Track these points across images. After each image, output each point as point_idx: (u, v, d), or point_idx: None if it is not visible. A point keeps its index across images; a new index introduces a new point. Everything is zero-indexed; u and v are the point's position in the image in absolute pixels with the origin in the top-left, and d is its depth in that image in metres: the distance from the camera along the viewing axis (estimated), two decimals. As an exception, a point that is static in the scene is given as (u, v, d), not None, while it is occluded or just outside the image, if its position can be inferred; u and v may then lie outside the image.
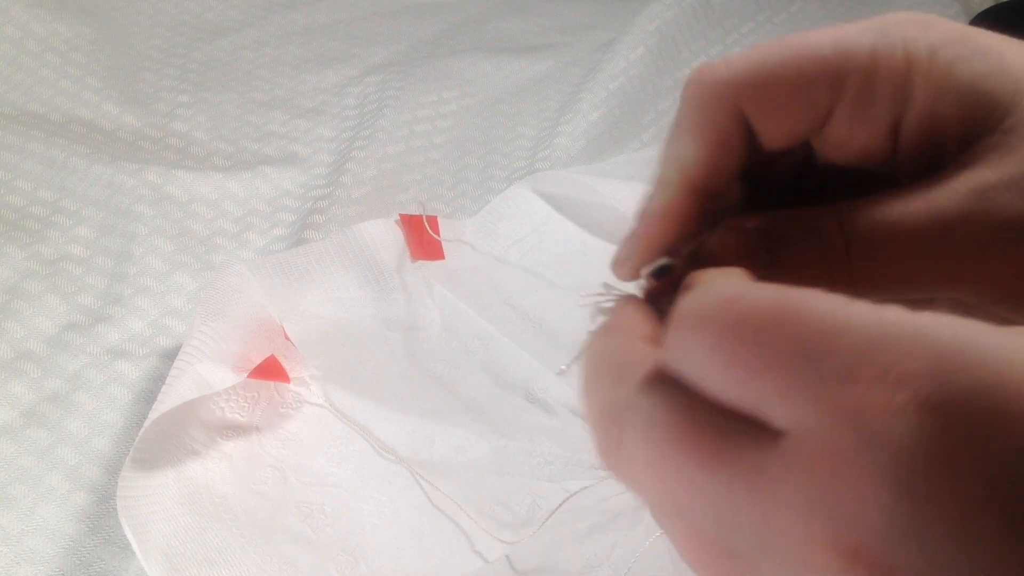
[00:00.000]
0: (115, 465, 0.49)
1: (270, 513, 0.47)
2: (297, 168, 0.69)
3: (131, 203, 0.63)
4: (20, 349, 0.54)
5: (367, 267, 0.58)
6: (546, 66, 0.82)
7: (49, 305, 0.56)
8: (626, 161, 0.70)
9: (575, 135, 0.72)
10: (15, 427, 0.50)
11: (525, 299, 0.59)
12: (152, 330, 0.56)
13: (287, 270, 0.55)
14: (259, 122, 0.73)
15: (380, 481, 0.49)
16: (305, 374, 0.53)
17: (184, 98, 0.74)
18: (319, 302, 0.56)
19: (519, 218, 0.64)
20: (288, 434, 0.51)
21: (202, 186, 0.65)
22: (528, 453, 0.50)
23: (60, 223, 0.62)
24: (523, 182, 0.65)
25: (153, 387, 0.52)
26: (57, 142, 0.66)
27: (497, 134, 0.74)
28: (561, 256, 0.62)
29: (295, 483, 0.49)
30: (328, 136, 0.72)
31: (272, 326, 0.53)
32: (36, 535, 0.46)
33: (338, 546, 0.47)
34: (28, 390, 0.52)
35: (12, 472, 0.48)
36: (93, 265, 0.59)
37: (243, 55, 0.80)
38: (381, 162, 0.69)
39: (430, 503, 0.48)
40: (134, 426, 0.50)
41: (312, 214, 0.64)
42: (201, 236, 0.62)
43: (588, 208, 0.64)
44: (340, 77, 0.78)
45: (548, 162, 0.69)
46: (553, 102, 0.77)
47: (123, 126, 0.70)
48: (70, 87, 0.72)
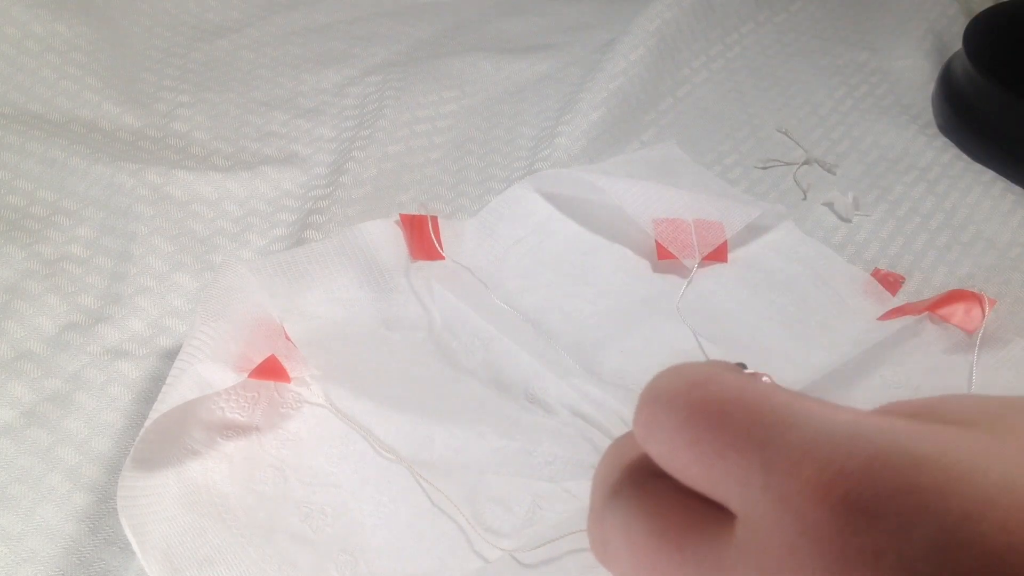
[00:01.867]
0: (115, 465, 0.49)
1: (270, 513, 0.47)
2: (297, 168, 0.69)
3: (131, 203, 0.63)
4: (20, 349, 0.54)
5: (367, 267, 0.58)
6: (546, 66, 0.82)
7: (49, 305, 0.56)
8: (626, 161, 0.70)
9: (575, 135, 0.72)
10: (15, 427, 0.50)
11: (525, 299, 0.59)
12: (152, 330, 0.56)
13: (287, 270, 0.55)
14: (259, 122, 0.73)
15: (380, 481, 0.49)
16: (305, 374, 0.53)
17: (184, 98, 0.74)
18: (319, 302, 0.56)
19: (519, 218, 0.64)
20: (288, 434, 0.51)
21: (202, 186, 0.65)
22: (528, 453, 0.50)
23: (60, 223, 0.62)
24: (524, 181, 0.65)
25: (153, 387, 0.52)
26: (57, 142, 0.66)
27: (497, 134, 0.74)
28: (561, 255, 0.62)
29: (295, 483, 0.49)
30: (328, 136, 0.72)
31: (272, 326, 0.53)
32: (36, 535, 0.46)
33: (338, 546, 0.47)
34: (28, 390, 0.52)
35: (12, 472, 0.48)
36: (93, 265, 0.59)
37: (243, 55, 0.80)
38: (381, 162, 0.69)
39: (430, 503, 0.48)
40: (134, 426, 0.50)
41: (312, 214, 0.64)
42: (201, 236, 0.62)
43: (590, 207, 0.64)
44: (340, 77, 0.79)
45: (548, 162, 0.69)
46: (553, 102, 0.77)
47: (123, 126, 0.70)
48: (70, 87, 0.72)
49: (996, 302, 0.59)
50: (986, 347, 0.57)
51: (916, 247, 0.66)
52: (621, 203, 0.62)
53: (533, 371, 0.54)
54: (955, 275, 0.64)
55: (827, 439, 0.14)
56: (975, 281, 0.63)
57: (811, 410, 0.15)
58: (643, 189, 0.62)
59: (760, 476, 0.15)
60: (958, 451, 0.13)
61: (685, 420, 0.16)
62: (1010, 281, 0.64)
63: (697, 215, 0.62)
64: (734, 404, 0.16)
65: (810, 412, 0.15)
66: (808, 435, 0.15)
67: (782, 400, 0.16)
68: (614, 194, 0.62)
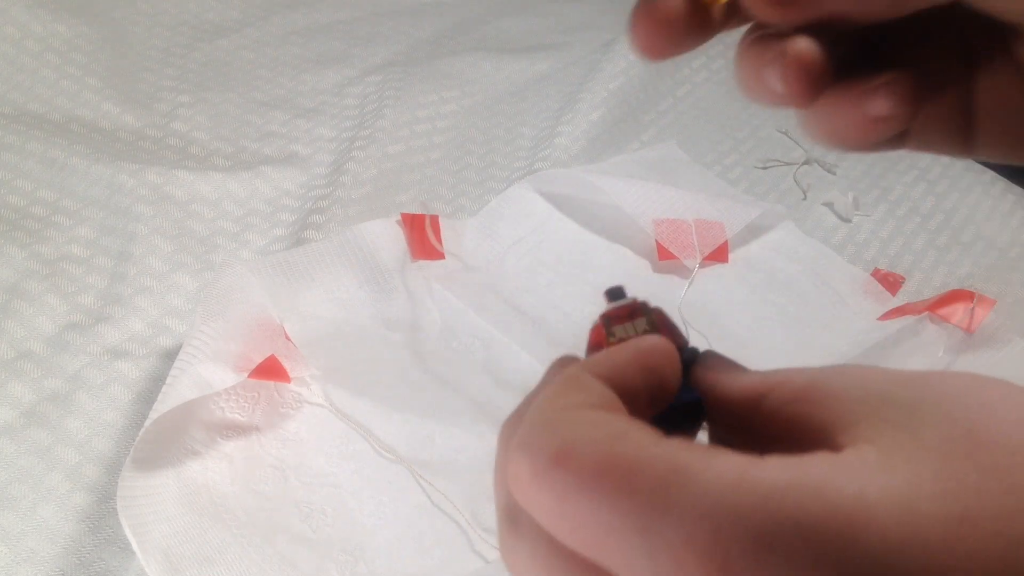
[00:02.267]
0: (115, 465, 0.49)
1: (270, 513, 0.47)
2: (297, 168, 0.69)
3: (131, 203, 0.63)
4: (20, 349, 0.54)
5: (367, 267, 0.58)
6: (546, 66, 0.82)
7: (49, 305, 0.56)
8: (626, 161, 0.70)
9: (575, 135, 0.72)
10: (15, 427, 0.50)
11: (525, 299, 0.59)
12: (152, 330, 0.56)
13: (287, 270, 0.55)
14: (259, 122, 0.73)
15: (380, 481, 0.49)
16: (305, 374, 0.53)
17: (184, 98, 0.74)
18: (319, 302, 0.56)
19: (519, 218, 0.64)
20: (288, 434, 0.51)
21: (202, 186, 0.65)
22: (528, 453, 0.50)
23: (60, 223, 0.61)
24: (524, 181, 0.65)
25: (153, 387, 0.52)
26: (57, 142, 0.66)
27: (497, 134, 0.74)
28: (561, 255, 0.62)
29: (295, 483, 0.49)
30: (328, 136, 0.72)
31: (272, 326, 0.53)
32: (36, 535, 0.46)
33: (338, 546, 0.47)
34: (28, 390, 0.52)
35: (12, 472, 0.48)
36: (93, 265, 0.59)
37: (243, 55, 0.80)
38: (381, 162, 0.69)
39: (430, 503, 0.48)
40: (134, 426, 0.50)
41: (312, 214, 0.64)
42: (201, 236, 0.62)
43: (589, 206, 0.64)
44: (340, 77, 0.78)
45: (548, 162, 0.69)
46: (553, 102, 0.77)
47: (123, 126, 0.70)
48: (70, 87, 0.72)
49: (996, 302, 0.59)
50: (986, 347, 0.57)
51: (916, 247, 0.66)
52: (621, 203, 0.62)
53: (533, 371, 0.54)
54: (955, 275, 0.64)
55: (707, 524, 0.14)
56: (975, 281, 0.63)
57: (688, 474, 0.14)
58: (643, 189, 0.62)
59: (645, 564, 0.14)
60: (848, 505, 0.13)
61: (559, 500, 0.15)
62: (1010, 281, 0.64)
63: (697, 215, 0.62)
64: (608, 477, 0.15)
65: (686, 478, 0.14)
66: (687, 517, 0.14)
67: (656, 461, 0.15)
68: (614, 194, 0.62)
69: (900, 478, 0.14)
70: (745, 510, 0.14)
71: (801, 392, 0.16)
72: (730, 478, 0.14)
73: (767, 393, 0.17)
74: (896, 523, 0.13)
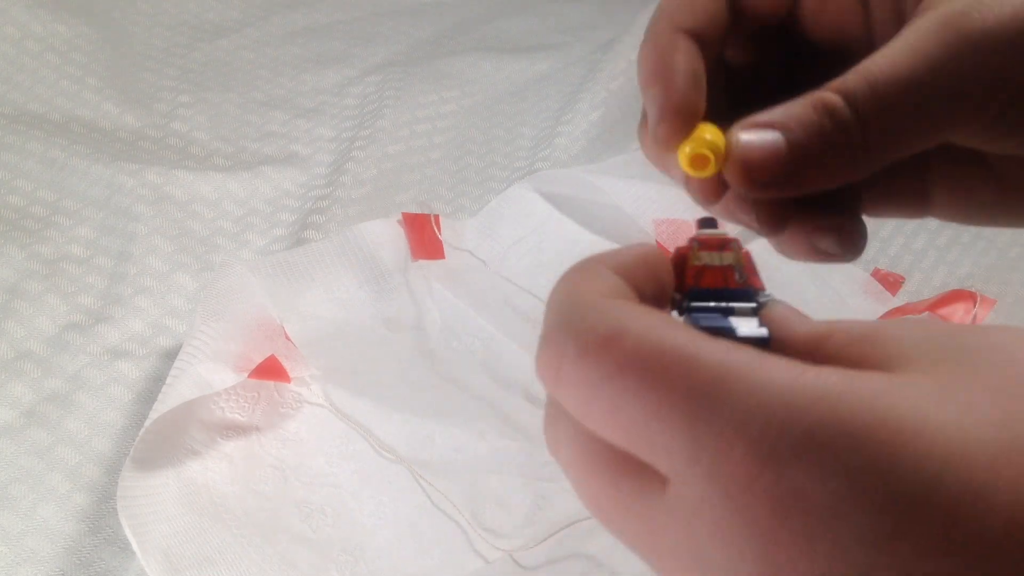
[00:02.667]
0: (115, 465, 0.49)
1: (270, 513, 0.47)
2: (297, 168, 0.69)
3: (131, 203, 0.63)
4: (20, 349, 0.54)
5: (367, 267, 0.58)
6: (546, 66, 0.82)
7: (49, 305, 0.56)
8: (626, 161, 0.70)
9: (575, 135, 0.72)
10: (15, 427, 0.50)
11: (525, 299, 0.59)
12: (152, 330, 0.56)
13: (287, 270, 0.55)
14: (259, 122, 0.73)
15: (380, 481, 0.49)
16: (305, 374, 0.53)
17: (184, 98, 0.74)
18: (319, 302, 0.56)
19: (519, 218, 0.64)
20: (288, 434, 0.51)
21: (202, 186, 0.65)
22: (528, 453, 0.50)
23: (60, 223, 0.61)
24: (524, 181, 0.65)
25: (153, 387, 0.52)
26: (57, 142, 0.66)
27: (497, 134, 0.74)
28: (561, 255, 0.62)
29: (295, 483, 0.49)
30: (328, 136, 0.72)
31: (272, 326, 0.53)
32: (36, 535, 0.46)
33: (338, 546, 0.47)
34: (28, 390, 0.52)
35: (12, 472, 0.48)
36: (93, 265, 0.59)
37: (243, 55, 0.80)
38: (381, 162, 0.69)
39: (430, 503, 0.48)
40: (134, 426, 0.50)
41: (312, 214, 0.64)
42: (201, 236, 0.62)
43: (589, 206, 0.64)
44: (340, 77, 0.78)
45: (548, 162, 0.69)
46: (553, 102, 0.77)
47: (123, 126, 0.70)
48: (70, 87, 0.72)
49: (996, 302, 0.59)
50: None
51: (916, 247, 0.66)
52: (621, 203, 0.62)
53: (533, 371, 0.53)
54: (955, 275, 0.64)
55: (759, 414, 0.14)
56: (975, 281, 0.63)
57: (741, 370, 0.15)
58: (643, 189, 0.62)
59: (687, 449, 0.14)
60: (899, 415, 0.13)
61: (600, 382, 0.15)
62: (1010, 281, 0.64)
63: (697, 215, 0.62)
64: (655, 364, 0.15)
65: (739, 374, 0.15)
66: (739, 408, 0.14)
67: (709, 356, 0.15)
68: (614, 194, 0.62)
69: (954, 402, 0.14)
70: (798, 408, 0.14)
71: (861, 336, 0.17)
72: (785, 379, 0.14)
73: (829, 336, 0.17)
74: (945, 439, 0.13)
